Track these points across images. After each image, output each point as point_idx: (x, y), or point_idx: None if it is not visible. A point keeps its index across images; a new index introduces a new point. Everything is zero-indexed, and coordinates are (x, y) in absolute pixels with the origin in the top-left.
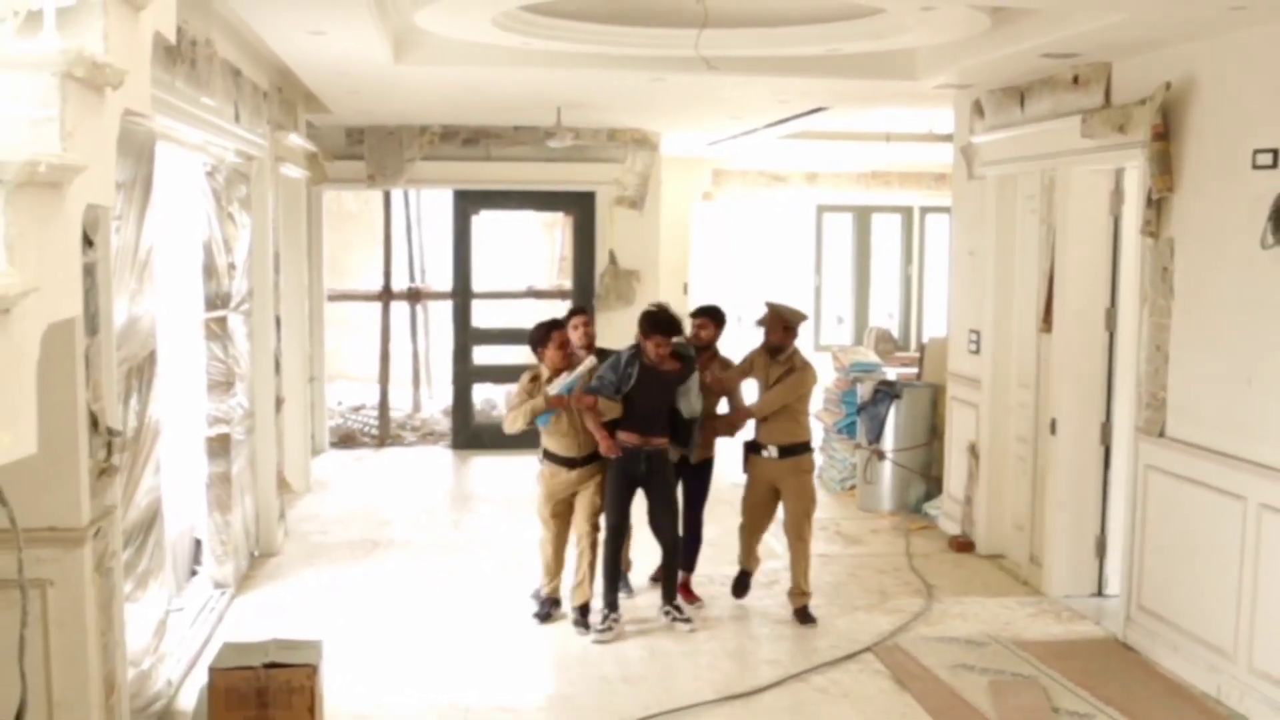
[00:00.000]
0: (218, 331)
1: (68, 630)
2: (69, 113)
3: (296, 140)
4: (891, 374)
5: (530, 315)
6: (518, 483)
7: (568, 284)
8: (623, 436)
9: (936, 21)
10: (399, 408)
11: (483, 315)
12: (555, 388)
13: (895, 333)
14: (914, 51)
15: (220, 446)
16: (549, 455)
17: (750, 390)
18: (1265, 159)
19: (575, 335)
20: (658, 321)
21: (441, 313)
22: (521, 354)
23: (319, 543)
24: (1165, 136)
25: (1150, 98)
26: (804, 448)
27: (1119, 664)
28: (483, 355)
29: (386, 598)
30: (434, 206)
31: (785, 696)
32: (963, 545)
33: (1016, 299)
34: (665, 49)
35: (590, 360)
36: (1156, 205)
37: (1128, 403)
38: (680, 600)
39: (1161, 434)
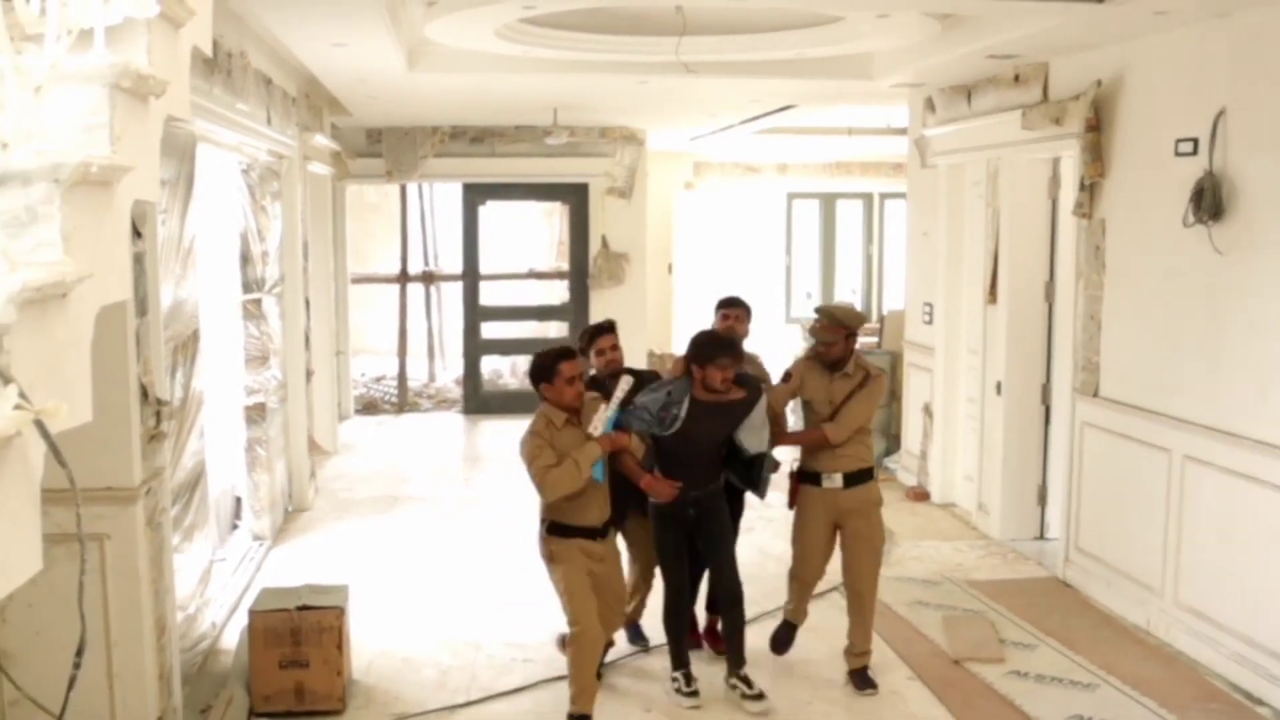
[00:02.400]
0: (254, 312)
1: (123, 578)
2: (117, 119)
3: (322, 141)
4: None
5: (532, 293)
6: None
7: (565, 266)
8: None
9: (891, 27)
10: (416, 378)
11: (490, 295)
12: (601, 425)
13: (858, 306)
14: (871, 54)
15: (257, 414)
16: (561, 529)
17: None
18: (1186, 147)
19: (599, 362)
20: (720, 342)
21: (453, 293)
22: (526, 328)
23: (346, 499)
24: (1097, 128)
25: (1083, 93)
26: (871, 473)
27: (1059, 599)
28: (490, 330)
29: (406, 547)
30: (445, 198)
31: None
32: (919, 495)
33: (965, 275)
34: (649, 55)
35: (627, 380)
36: (1089, 189)
37: (1065, 366)
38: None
39: (1096, 394)
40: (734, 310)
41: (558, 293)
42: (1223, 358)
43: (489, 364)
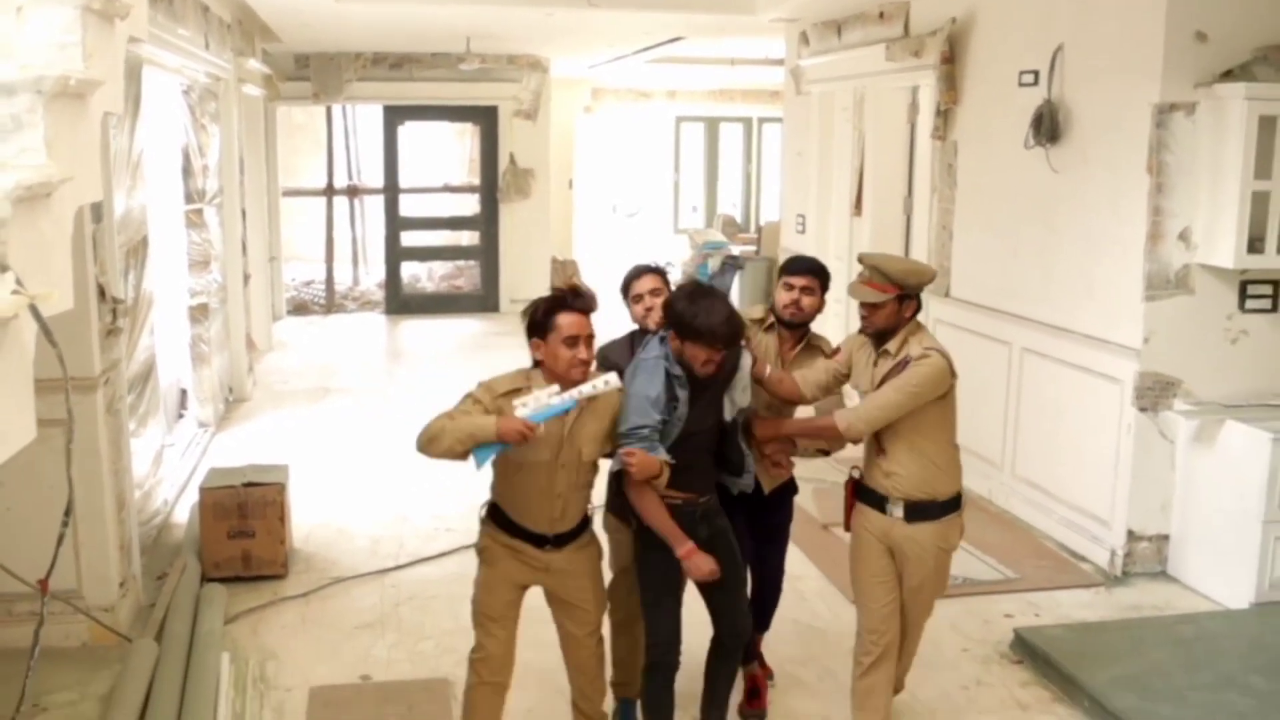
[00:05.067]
0: (195, 221)
1: (86, 459)
2: (89, 38)
3: (255, 65)
4: (736, 250)
5: (446, 205)
6: (441, 342)
7: (476, 181)
8: (664, 492)
9: None
10: (342, 282)
11: (408, 207)
12: (532, 410)
13: (739, 218)
14: None
15: (200, 313)
16: (498, 519)
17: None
18: (1028, 78)
19: (638, 311)
20: (716, 329)
21: (374, 205)
22: (441, 236)
23: (281, 390)
24: (951, 60)
25: (940, 29)
26: (949, 505)
27: None
28: (409, 239)
29: (338, 432)
30: (367, 119)
31: None
32: None
33: (834, 190)
34: None
35: (613, 379)
36: (944, 115)
37: None
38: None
39: (947, 294)
40: (803, 279)
41: (470, 205)
42: (1057, 263)
43: (408, 269)
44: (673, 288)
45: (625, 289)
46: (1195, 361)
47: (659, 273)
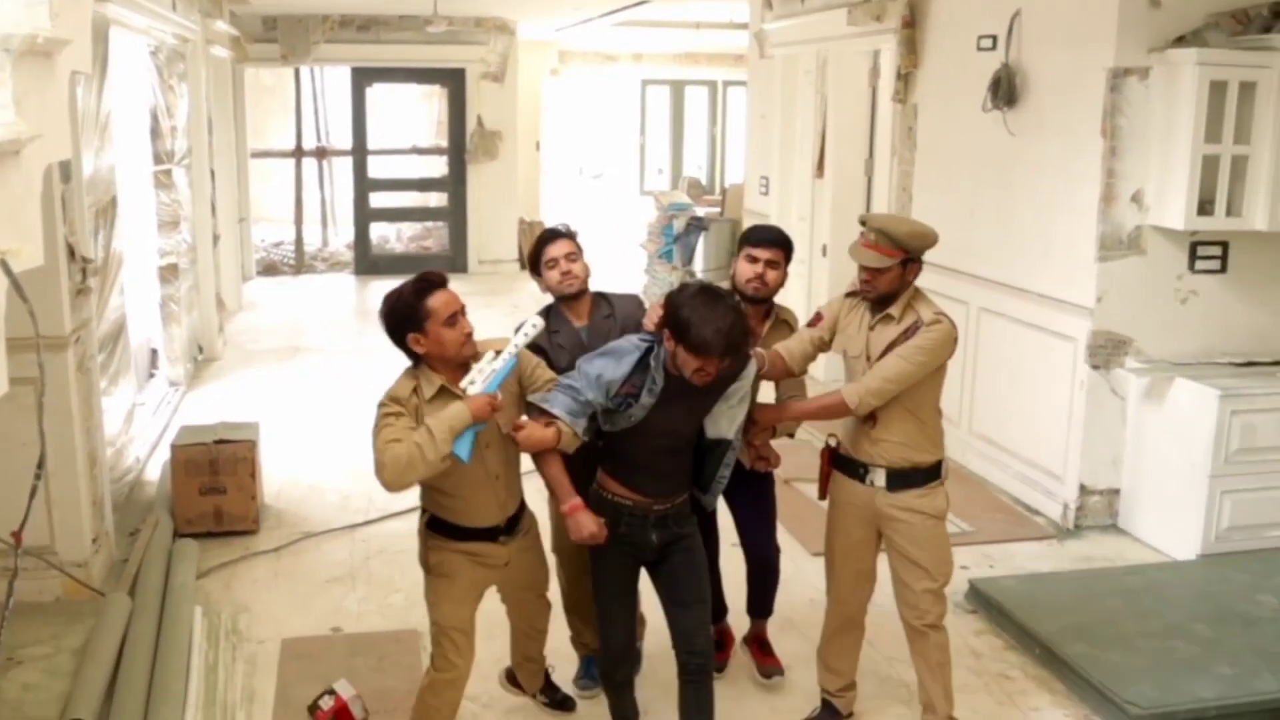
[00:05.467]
0: (164, 182)
1: (58, 416)
2: None
3: (222, 26)
4: (701, 212)
5: (415, 167)
6: None
7: (444, 143)
8: (612, 488)
9: None
10: (311, 243)
11: (377, 168)
12: (482, 384)
13: (704, 180)
14: None
15: (170, 273)
16: (441, 528)
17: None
18: (987, 43)
19: (552, 279)
20: (719, 331)
21: (343, 167)
22: (409, 197)
23: (252, 349)
24: (912, 25)
25: None
26: (931, 473)
27: None
28: (377, 200)
29: (307, 390)
30: (335, 81)
31: None
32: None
33: (797, 152)
34: None
35: (535, 324)
36: (904, 79)
37: None
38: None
39: None
40: (767, 251)
41: (438, 167)
42: (1013, 225)
43: (377, 230)
44: (583, 250)
45: (535, 257)
46: (1146, 320)
47: (571, 237)
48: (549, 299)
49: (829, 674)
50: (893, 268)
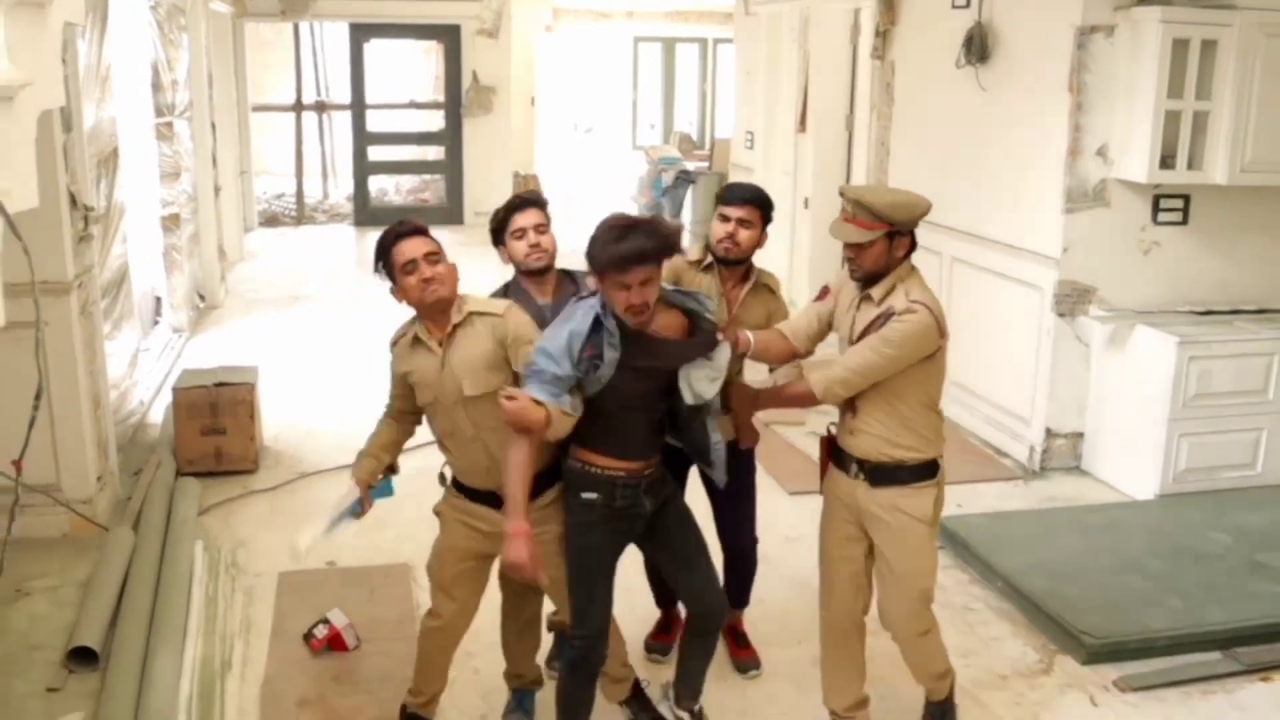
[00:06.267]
0: (166, 133)
1: (61, 359)
2: None
3: None
4: (690, 165)
5: (413, 121)
6: None
7: (440, 97)
8: (599, 461)
9: None
10: (312, 195)
11: (375, 122)
12: (327, 526)
13: (694, 135)
14: None
15: (172, 223)
16: (456, 483)
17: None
18: (961, 1)
19: (518, 250)
20: (618, 232)
21: (342, 120)
22: (407, 151)
23: (253, 298)
24: None
25: None
26: (920, 471)
27: None
28: (376, 153)
29: (306, 337)
30: (333, 36)
31: None
32: None
33: (781, 107)
34: None
35: (348, 493)
36: (883, 36)
37: (861, 183)
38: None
39: None
40: (739, 209)
41: (435, 121)
42: (984, 178)
43: (376, 183)
44: (550, 220)
45: (500, 227)
46: (1110, 270)
47: (542, 206)
48: (510, 272)
49: (833, 692)
50: (876, 242)
